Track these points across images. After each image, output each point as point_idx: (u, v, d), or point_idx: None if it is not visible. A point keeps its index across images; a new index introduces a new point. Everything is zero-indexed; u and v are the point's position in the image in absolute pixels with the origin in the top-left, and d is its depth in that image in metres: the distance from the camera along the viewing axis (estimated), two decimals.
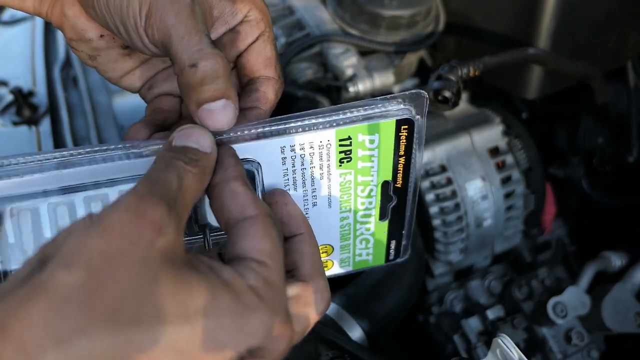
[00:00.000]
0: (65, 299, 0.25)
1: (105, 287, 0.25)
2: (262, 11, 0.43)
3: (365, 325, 0.65)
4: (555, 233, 0.94)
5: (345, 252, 0.47)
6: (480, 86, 0.85)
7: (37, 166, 0.35)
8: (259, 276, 0.31)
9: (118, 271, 0.26)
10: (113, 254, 0.26)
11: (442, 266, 0.84)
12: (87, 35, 0.42)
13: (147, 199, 0.28)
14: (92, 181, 0.35)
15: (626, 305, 0.71)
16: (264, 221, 0.33)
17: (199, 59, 0.36)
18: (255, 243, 0.32)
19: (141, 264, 0.27)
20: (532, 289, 0.78)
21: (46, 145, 0.87)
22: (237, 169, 0.36)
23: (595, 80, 0.77)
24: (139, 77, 0.46)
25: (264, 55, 0.43)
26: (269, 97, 0.43)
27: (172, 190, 0.31)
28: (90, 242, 0.26)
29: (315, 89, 0.85)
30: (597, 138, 0.85)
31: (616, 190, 0.88)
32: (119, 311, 0.25)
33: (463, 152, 0.79)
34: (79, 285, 0.25)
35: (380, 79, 0.83)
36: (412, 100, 0.39)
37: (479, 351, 0.74)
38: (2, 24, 1.15)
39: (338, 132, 0.39)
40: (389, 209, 0.45)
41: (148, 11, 0.37)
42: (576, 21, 0.74)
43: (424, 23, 0.84)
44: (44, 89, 0.96)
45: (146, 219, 0.28)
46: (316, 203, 0.43)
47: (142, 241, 0.27)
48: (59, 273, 0.25)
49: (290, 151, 0.39)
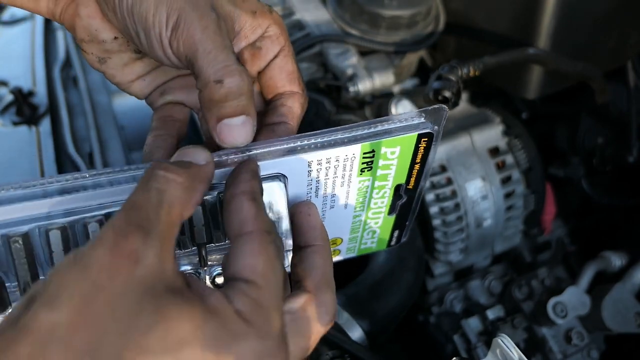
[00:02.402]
0: (48, 338, 0.25)
1: (86, 325, 0.26)
2: (280, 26, 0.43)
3: (365, 325, 0.65)
4: (555, 233, 0.94)
5: (353, 243, 0.49)
6: (480, 86, 0.85)
7: (40, 191, 0.35)
8: (247, 299, 0.30)
9: (98, 307, 0.26)
10: (93, 291, 0.26)
11: (442, 266, 0.84)
12: (101, 36, 0.42)
13: (122, 230, 0.28)
14: (97, 204, 0.35)
15: (626, 305, 0.71)
16: (260, 237, 0.33)
17: (224, 75, 0.36)
18: (248, 261, 0.32)
19: (121, 298, 0.27)
20: (532, 289, 0.78)
21: (46, 145, 0.87)
22: (250, 184, 0.35)
23: (595, 80, 0.77)
24: (149, 83, 0.45)
25: (286, 71, 0.43)
26: (295, 111, 0.43)
27: (151, 209, 0.30)
28: (71, 280, 0.27)
29: (315, 89, 0.85)
30: (597, 138, 0.85)
31: (616, 190, 0.88)
32: (100, 348, 0.25)
33: (463, 152, 0.79)
34: (61, 324, 0.25)
35: (380, 79, 0.83)
36: (432, 114, 0.41)
37: (479, 351, 0.74)
38: (2, 24, 1.15)
39: (363, 147, 0.40)
40: (398, 205, 0.47)
41: (175, 23, 0.37)
42: (576, 21, 0.74)
43: (424, 23, 0.84)
44: (44, 89, 0.96)
45: (122, 252, 0.28)
46: (333, 206, 0.44)
47: (120, 275, 0.27)
48: (42, 313, 0.25)
49: (316, 164, 0.40)
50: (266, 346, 0.30)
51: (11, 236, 0.34)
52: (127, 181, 0.36)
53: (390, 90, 0.86)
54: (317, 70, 0.86)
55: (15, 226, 0.34)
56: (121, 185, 0.36)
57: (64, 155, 0.86)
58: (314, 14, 0.88)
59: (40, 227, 0.34)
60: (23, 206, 0.34)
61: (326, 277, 0.37)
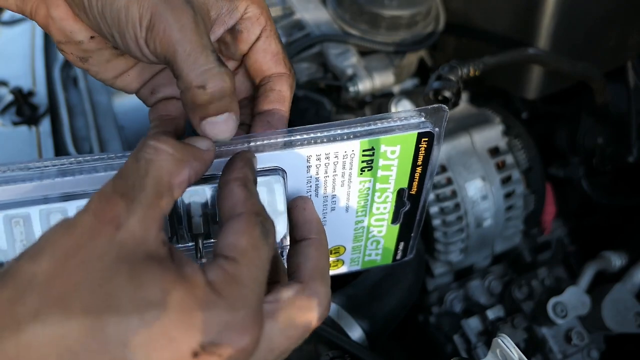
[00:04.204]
0: (27, 286, 0.27)
1: (63, 277, 0.28)
2: (259, 5, 0.42)
3: (365, 325, 0.65)
4: (555, 233, 0.94)
5: (356, 253, 0.48)
6: (480, 86, 0.85)
7: (37, 173, 0.35)
8: (221, 271, 0.31)
9: (76, 264, 0.28)
10: (74, 249, 0.28)
11: (442, 266, 0.84)
12: (76, 37, 0.41)
13: (106, 197, 0.30)
14: (93, 189, 0.36)
15: (626, 305, 0.71)
16: (247, 219, 0.33)
17: (206, 80, 0.35)
18: (231, 239, 0.32)
19: (98, 259, 0.28)
20: (532, 289, 0.78)
21: (46, 145, 0.87)
22: (242, 171, 0.36)
23: (595, 80, 0.77)
24: (135, 78, 0.45)
25: (270, 52, 0.43)
26: (284, 95, 0.43)
27: (138, 177, 0.31)
28: (56, 238, 0.29)
29: (315, 89, 0.85)
30: (597, 138, 0.85)
31: (616, 190, 0.88)
32: (72, 299, 0.27)
33: (463, 152, 0.79)
34: (40, 274, 0.28)
35: (380, 79, 0.83)
36: (432, 114, 0.41)
37: (479, 351, 0.74)
38: (2, 24, 1.15)
39: (362, 143, 0.40)
40: (401, 213, 0.46)
41: (149, 23, 0.36)
42: (576, 21, 0.74)
43: (424, 23, 0.84)
44: (44, 89, 0.96)
45: (105, 217, 0.29)
46: (334, 208, 0.44)
47: (100, 238, 0.29)
48: (25, 263, 0.28)
49: (315, 160, 0.40)
50: (235, 318, 0.30)
51: (13, 217, 0.34)
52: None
53: (390, 90, 0.86)
54: (317, 70, 0.86)
55: (14, 207, 0.34)
56: (116, 171, 0.36)
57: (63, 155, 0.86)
58: (314, 14, 0.88)
59: (41, 210, 0.35)
60: (20, 187, 0.34)
61: (320, 269, 0.37)
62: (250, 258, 0.32)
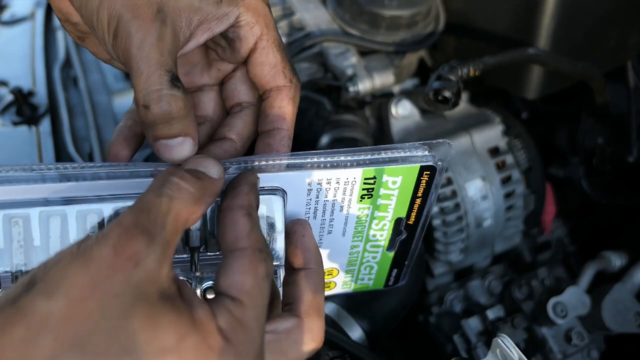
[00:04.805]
0: (42, 326, 0.26)
1: (79, 319, 0.27)
2: (255, 13, 0.39)
3: (365, 325, 0.65)
4: (555, 233, 0.94)
5: (349, 276, 0.49)
6: (480, 86, 0.85)
7: (39, 175, 0.35)
8: (231, 317, 0.31)
9: (93, 304, 0.27)
10: (91, 287, 0.27)
11: (442, 266, 0.84)
12: (72, 19, 0.40)
13: (128, 231, 0.29)
14: (94, 195, 0.36)
15: (626, 305, 0.71)
16: (252, 256, 0.33)
17: (151, 101, 0.34)
18: (237, 279, 0.32)
19: (115, 298, 0.27)
20: (532, 289, 0.78)
21: (46, 145, 0.87)
22: (247, 197, 0.35)
23: (595, 80, 0.77)
24: None
25: (268, 64, 0.41)
26: (285, 110, 0.41)
27: (160, 215, 0.30)
28: (72, 273, 0.27)
29: (315, 89, 0.85)
30: (597, 138, 0.85)
31: (616, 190, 0.88)
32: (89, 343, 0.26)
33: (463, 152, 0.79)
34: (55, 314, 0.26)
35: (380, 79, 0.83)
36: (436, 148, 0.41)
37: (479, 351, 0.74)
38: (2, 24, 1.15)
39: (365, 172, 0.40)
40: (397, 241, 0.47)
41: (115, 30, 0.35)
42: (576, 21, 0.74)
43: (424, 23, 0.84)
44: (44, 89, 0.96)
45: (125, 253, 0.28)
46: (331, 231, 0.44)
47: (118, 275, 0.28)
48: (40, 300, 0.27)
49: (316, 184, 0.40)
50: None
51: (13, 217, 0.34)
52: (125, 176, 0.36)
53: (390, 90, 0.86)
54: (317, 70, 0.86)
55: (14, 207, 0.34)
56: (119, 180, 0.36)
57: (64, 155, 0.86)
58: (314, 13, 0.88)
59: (41, 212, 0.35)
60: (21, 189, 0.35)
61: (317, 303, 0.38)
62: (255, 300, 0.32)
